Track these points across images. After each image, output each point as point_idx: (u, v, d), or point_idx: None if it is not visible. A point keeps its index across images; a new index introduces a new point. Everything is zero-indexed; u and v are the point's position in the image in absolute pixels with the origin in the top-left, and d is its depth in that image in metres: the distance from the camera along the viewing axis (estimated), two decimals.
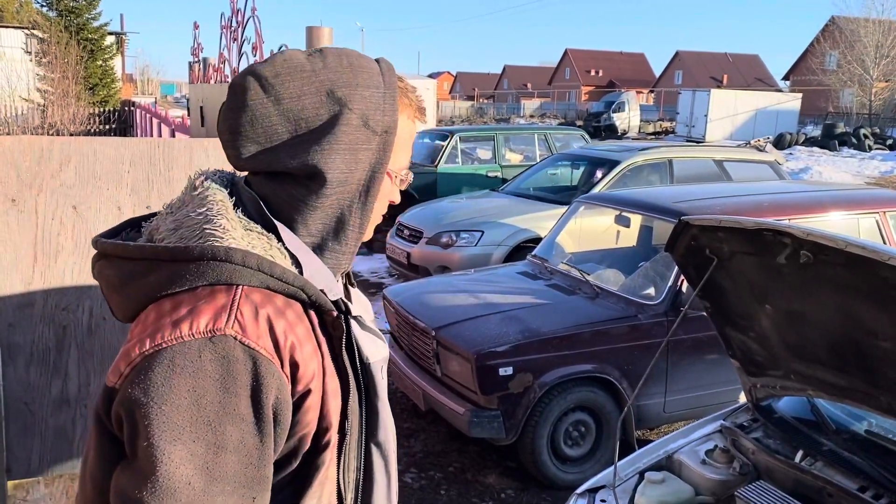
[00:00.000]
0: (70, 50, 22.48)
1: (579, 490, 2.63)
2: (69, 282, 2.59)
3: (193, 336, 0.90)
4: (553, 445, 4.02)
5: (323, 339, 1.02)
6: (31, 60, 24.85)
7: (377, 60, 1.12)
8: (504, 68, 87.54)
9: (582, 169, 8.51)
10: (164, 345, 0.90)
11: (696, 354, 4.18)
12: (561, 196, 7.95)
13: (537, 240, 6.65)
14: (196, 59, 4.99)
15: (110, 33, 30.36)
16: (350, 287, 1.25)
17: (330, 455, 1.03)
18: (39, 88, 23.07)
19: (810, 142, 28.87)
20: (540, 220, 7.22)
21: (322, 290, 1.02)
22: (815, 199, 4.71)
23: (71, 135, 17.30)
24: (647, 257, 4.88)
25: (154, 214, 1.09)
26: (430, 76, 36.09)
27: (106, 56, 29.27)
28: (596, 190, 7.24)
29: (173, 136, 8.20)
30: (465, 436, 4.09)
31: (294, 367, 0.96)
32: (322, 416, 1.01)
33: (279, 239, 1.03)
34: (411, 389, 4.42)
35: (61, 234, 2.55)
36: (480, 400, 3.88)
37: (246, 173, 1.11)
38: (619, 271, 4.80)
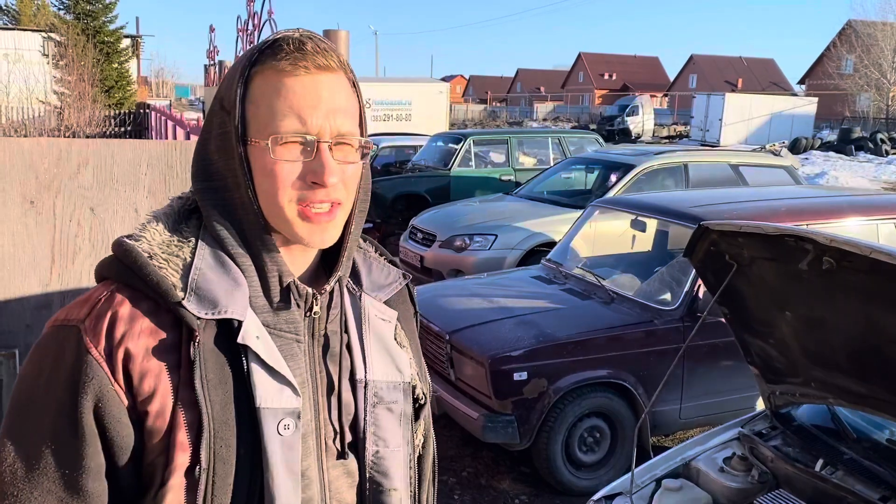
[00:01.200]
0: (86, 53, 22.68)
1: (596, 497, 2.61)
2: (86, 283, 2.60)
3: (58, 322, 0.94)
4: (567, 451, 4.00)
5: (189, 362, 0.91)
6: (48, 63, 25.09)
7: None
8: (517, 72, 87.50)
9: (596, 173, 8.48)
10: (46, 328, 0.95)
11: (713, 360, 4.15)
12: (575, 200, 7.92)
13: (551, 244, 6.62)
14: (212, 62, 5.02)
15: (126, 36, 30.62)
16: (361, 331, 1.08)
17: (173, 496, 0.90)
18: (56, 91, 23.29)
19: (826, 146, 28.68)
20: (554, 224, 7.20)
21: (180, 303, 0.90)
22: (834, 205, 4.67)
23: (87, 137, 17.43)
24: (663, 262, 4.85)
25: None
26: (444, 79, 36.06)
27: (122, 59, 29.51)
28: (611, 194, 7.21)
29: (188, 138, 8.25)
30: (479, 441, 4.07)
31: (128, 379, 0.89)
32: (168, 447, 0.90)
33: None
34: None
35: (79, 236, 2.56)
36: (494, 404, 3.86)
37: None
38: (635, 276, 4.77)
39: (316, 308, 1.02)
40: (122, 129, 22.44)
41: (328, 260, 1.07)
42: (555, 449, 3.94)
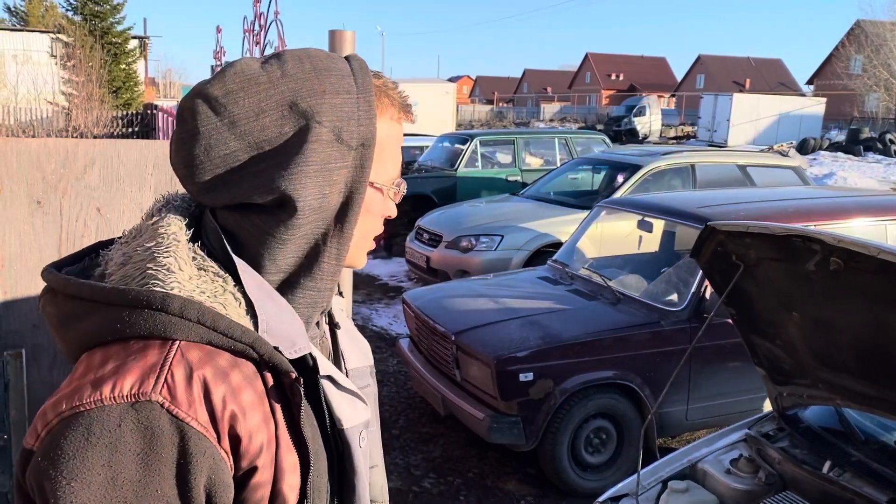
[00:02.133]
0: (94, 54, 22.81)
1: (601, 498, 2.60)
2: None
3: (115, 400, 0.77)
4: (573, 452, 3.99)
5: (279, 405, 0.86)
6: (56, 64, 25.22)
7: (347, 58, 0.95)
8: (524, 72, 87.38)
9: (603, 173, 8.47)
10: (83, 408, 0.77)
11: (719, 362, 4.13)
12: (582, 200, 7.91)
13: (557, 244, 6.61)
14: (218, 63, 5.02)
15: (134, 37, 30.70)
16: (334, 328, 1.10)
17: None
18: (64, 91, 23.40)
19: (835, 147, 28.54)
20: (560, 225, 7.19)
21: (277, 348, 0.86)
22: (842, 205, 4.64)
23: (94, 137, 17.51)
24: (669, 263, 4.83)
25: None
26: (450, 80, 36.10)
27: (129, 60, 29.61)
28: (617, 194, 7.19)
29: None
30: (485, 441, 4.06)
31: (235, 441, 0.82)
32: (274, 495, 0.86)
33: (238, 280, 0.88)
34: (430, 394, 4.40)
35: (85, 237, 2.56)
36: (500, 405, 3.85)
37: None
38: (641, 277, 4.76)
39: (334, 321, 1.08)
40: (130, 129, 22.52)
41: None
42: (561, 450, 3.93)
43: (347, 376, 1.08)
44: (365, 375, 1.13)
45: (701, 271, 3.90)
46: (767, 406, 2.91)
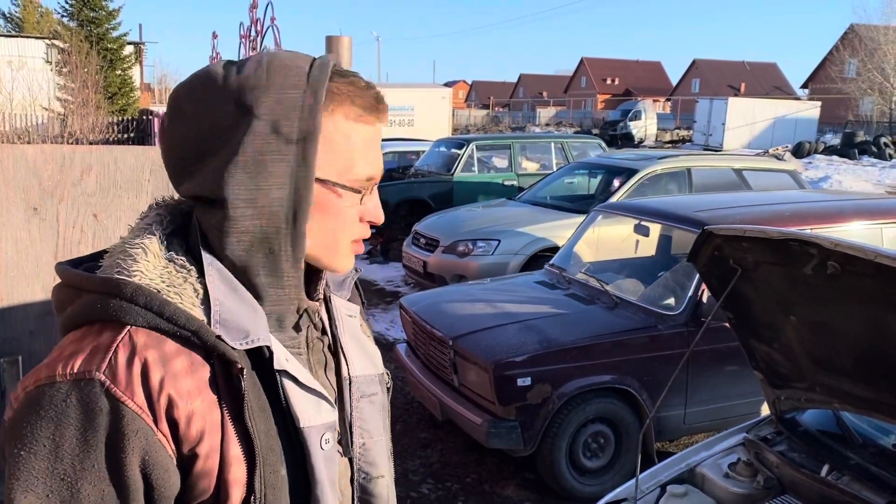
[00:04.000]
0: (90, 60, 22.73)
1: (600, 503, 2.60)
2: None
3: (65, 377, 0.83)
4: (571, 457, 3.99)
5: (228, 395, 0.89)
6: (51, 70, 25.17)
7: (315, 58, 0.97)
8: (520, 77, 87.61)
9: (599, 177, 8.48)
10: (40, 383, 0.84)
11: (717, 365, 4.13)
12: (578, 205, 7.92)
13: (554, 249, 6.61)
14: None
15: (129, 43, 30.68)
16: (335, 333, 1.09)
17: None
18: (59, 97, 23.35)
19: (830, 150, 28.62)
20: (557, 229, 7.19)
21: (220, 337, 0.88)
22: (838, 209, 4.65)
23: (90, 143, 17.47)
24: (666, 267, 4.84)
25: None
26: (446, 85, 36.13)
27: (125, 65, 29.58)
28: (614, 199, 7.20)
29: None
30: (483, 446, 4.06)
31: (173, 426, 0.85)
32: (218, 486, 0.88)
33: (202, 273, 0.92)
34: (428, 399, 4.40)
35: (82, 243, 2.56)
36: (498, 410, 3.85)
37: None
38: (639, 281, 4.76)
39: (315, 320, 1.03)
40: (126, 135, 22.47)
41: None
42: (559, 455, 3.92)
43: (351, 382, 1.09)
44: (372, 383, 1.12)
45: (698, 275, 3.91)
46: (765, 409, 2.91)
